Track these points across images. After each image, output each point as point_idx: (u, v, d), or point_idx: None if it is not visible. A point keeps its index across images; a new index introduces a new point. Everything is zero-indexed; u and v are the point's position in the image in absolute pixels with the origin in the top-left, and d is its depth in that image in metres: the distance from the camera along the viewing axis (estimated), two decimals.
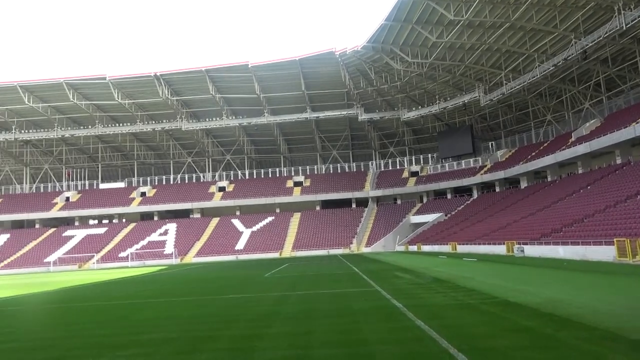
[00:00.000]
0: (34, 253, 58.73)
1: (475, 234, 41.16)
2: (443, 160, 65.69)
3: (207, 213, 67.53)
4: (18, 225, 68.13)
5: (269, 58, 68.04)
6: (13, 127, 64.83)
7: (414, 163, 69.99)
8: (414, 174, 67.05)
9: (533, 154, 50.90)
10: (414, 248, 49.95)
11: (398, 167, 70.46)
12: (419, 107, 60.71)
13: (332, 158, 74.18)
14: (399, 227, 57.24)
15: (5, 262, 56.65)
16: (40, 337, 9.40)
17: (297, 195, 66.45)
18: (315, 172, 72.83)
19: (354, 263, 30.19)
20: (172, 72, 58.20)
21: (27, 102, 59.55)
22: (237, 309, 12.00)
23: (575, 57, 39.61)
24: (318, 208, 66.36)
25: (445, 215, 56.18)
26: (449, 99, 57.58)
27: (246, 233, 60.37)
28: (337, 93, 62.32)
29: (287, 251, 55.19)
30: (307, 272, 24.76)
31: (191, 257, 55.40)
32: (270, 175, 73.18)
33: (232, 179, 73.07)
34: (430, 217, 57.21)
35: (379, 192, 65.01)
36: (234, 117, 64.96)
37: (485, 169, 57.97)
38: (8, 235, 63.79)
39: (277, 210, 66.16)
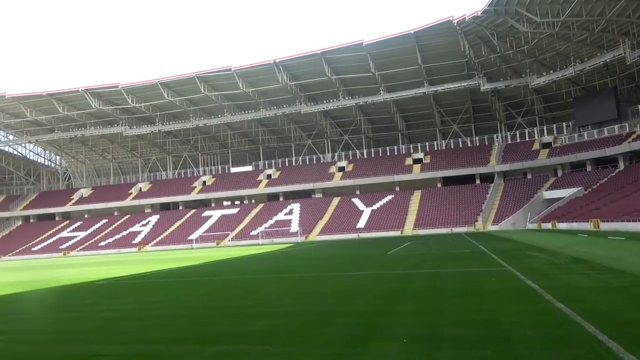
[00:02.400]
0: (179, 232, 65.84)
1: (622, 210, 36.61)
2: (580, 128, 59.23)
3: (328, 193, 69.42)
4: (165, 207, 76.77)
5: (383, 34, 67.08)
6: (157, 120, 72.74)
7: (545, 133, 64.20)
8: (545, 145, 61.53)
9: None
10: (547, 226, 46.15)
11: (527, 139, 65.25)
12: (551, 72, 55.18)
13: (453, 133, 71.14)
14: (529, 203, 53.21)
15: (157, 239, 64.38)
16: (185, 306, 10.48)
17: (416, 173, 65.16)
18: (435, 148, 70.56)
19: (481, 241, 28.83)
20: (289, 57, 60.20)
21: (166, 97, 66.23)
22: (362, 285, 12.18)
23: None
24: (439, 185, 64.37)
25: (585, 190, 50.79)
26: (586, 59, 51.44)
27: (367, 212, 60.93)
28: (456, 64, 59.25)
29: (409, 229, 54.62)
30: (431, 250, 24.24)
31: (315, 236, 57.60)
32: (388, 154, 72.63)
33: (350, 158, 74.00)
34: (566, 192, 52.18)
35: (505, 167, 60.95)
36: (350, 98, 65.39)
37: (634, 135, 50.99)
38: (158, 216, 72.29)
39: (397, 189, 65.61)
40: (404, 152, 71.68)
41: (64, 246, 66.12)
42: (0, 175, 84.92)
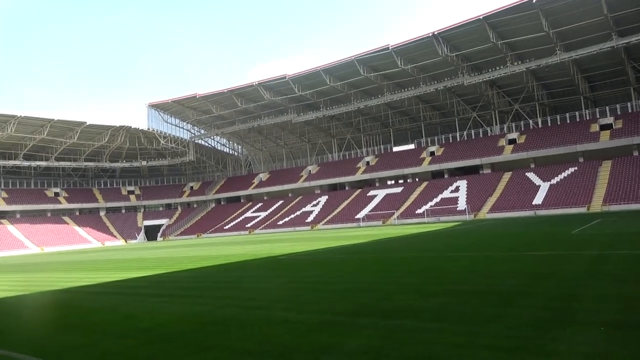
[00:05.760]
0: (346, 211, 68.74)
1: None
2: None
3: (498, 168, 65.03)
4: (332, 188, 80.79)
5: None
6: (321, 106, 76.51)
7: None
8: None
9: None
10: None
11: None
12: None
13: None
14: None
15: (327, 218, 68.26)
16: (362, 281, 10.99)
17: (605, 141, 56.86)
18: (630, 110, 60.54)
19: None
20: (449, 28, 57.32)
21: (328, 83, 69.05)
22: (546, 266, 11.22)
23: None
24: (636, 153, 55.21)
25: None
26: None
27: (544, 187, 55.53)
28: None
29: (597, 205, 48.23)
30: (629, 228, 21.10)
31: (484, 213, 54.69)
32: (568, 121, 64.73)
33: (522, 129, 67.97)
34: None
35: None
36: (519, 62, 59.75)
37: None
38: (326, 197, 76.48)
39: (580, 160, 58.26)
40: (588, 118, 63.11)
41: (249, 225, 74.49)
42: (196, 164, 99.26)
